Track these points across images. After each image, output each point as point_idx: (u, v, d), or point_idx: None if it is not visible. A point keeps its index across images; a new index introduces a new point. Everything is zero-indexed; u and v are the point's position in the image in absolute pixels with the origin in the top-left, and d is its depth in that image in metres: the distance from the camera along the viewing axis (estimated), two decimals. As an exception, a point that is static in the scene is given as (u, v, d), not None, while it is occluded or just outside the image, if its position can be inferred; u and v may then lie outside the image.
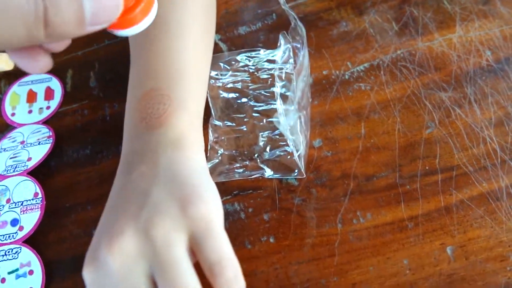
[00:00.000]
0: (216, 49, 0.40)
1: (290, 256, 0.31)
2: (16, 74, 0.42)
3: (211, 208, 0.24)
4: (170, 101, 0.28)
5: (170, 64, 0.30)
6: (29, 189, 0.35)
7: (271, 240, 0.32)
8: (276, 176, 0.33)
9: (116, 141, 0.38)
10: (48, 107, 0.40)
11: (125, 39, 0.43)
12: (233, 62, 0.38)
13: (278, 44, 0.35)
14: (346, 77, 0.37)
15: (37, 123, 0.39)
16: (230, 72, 0.37)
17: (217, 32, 0.40)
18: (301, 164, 0.33)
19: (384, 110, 0.36)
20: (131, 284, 0.22)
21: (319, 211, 0.32)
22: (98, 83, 0.41)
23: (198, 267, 0.23)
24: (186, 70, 0.30)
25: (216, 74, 0.37)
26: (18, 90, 0.41)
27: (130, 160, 0.28)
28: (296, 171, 0.33)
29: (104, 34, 0.44)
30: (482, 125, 0.34)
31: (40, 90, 0.41)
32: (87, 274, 0.23)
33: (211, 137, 0.36)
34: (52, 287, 0.32)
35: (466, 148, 0.33)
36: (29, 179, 0.36)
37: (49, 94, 0.41)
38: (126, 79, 0.41)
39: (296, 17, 0.32)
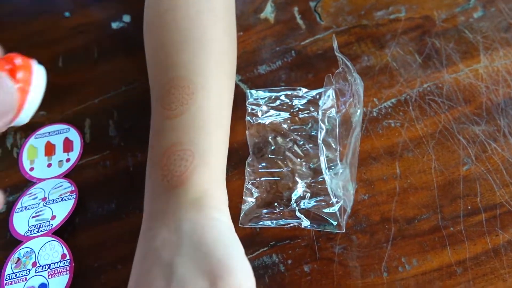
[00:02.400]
0: (237, 91, 0.40)
1: (336, 309, 0.30)
2: (32, 126, 0.41)
3: (241, 280, 0.23)
4: (192, 157, 0.27)
5: (192, 116, 0.29)
6: (55, 250, 0.34)
7: (314, 293, 0.31)
8: (314, 227, 0.32)
9: (142, 194, 0.36)
10: (68, 160, 0.39)
11: (143, 85, 0.42)
12: (272, 100, 0.37)
13: (324, 85, 0.34)
14: (374, 114, 0.37)
15: (58, 177, 0.38)
16: (270, 111, 0.36)
17: (236, 72, 0.40)
18: (341, 218, 0.32)
19: (417, 147, 0.35)
20: None
21: (362, 260, 0.31)
22: (118, 132, 0.40)
23: None
24: (209, 121, 0.29)
25: (255, 111, 0.36)
26: (35, 143, 0.40)
27: (152, 223, 0.27)
28: (335, 223, 0.32)
29: (119, 80, 0.43)
30: (520, 159, 0.33)
31: (58, 142, 0.40)
32: None
33: (247, 178, 0.35)
34: None
35: (507, 184, 0.32)
36: (55, 239, 0.34)
37: (68, 145, 0.40)
38: (147, 126, 0.40)
39: (353, 68, 0.31)
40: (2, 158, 0.39)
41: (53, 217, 0.35)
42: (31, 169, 0.39)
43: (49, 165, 0.39)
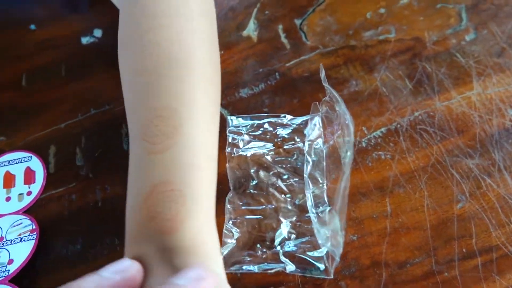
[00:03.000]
0: (217, 116, 0.37)
1: None
2: (-11, 154, 0.37)
3: None
4: (183, 198, 0.24)
5: (180, 151, 0.25)
6: (12, 301, 0.30)
7: None
8: (299, 272, 0.30)
9: (112, 231, 0.33)
10: (29, 193, 0.35)
11: (116, 108, 0.39)
12: (255, 129, 0.34)
13: (310, 112, 0.31)
14: (364, 144, 0.34)
15: (17, 213, 0.34)
16: (252, 141, 0.33)
17: (216, 96, 0.37)
18: (329, 263, 0.29)
19: (409, 182, 0.33)
20: None
21: (351, 309, 0.29)
22: (86, 160, 0.36)
23: None
24: (198, 156, 0.26)
25: (236, 141, 0.34)
26: (-8, 173, 0.36)
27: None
28: (322, 267, 0.29)
29: (89, 101, 0.40)
30: (516, 196, 0.31)
31: (18, 172, 0.36)
32: None
33: (227, 216, 0.32)
34: None
35: (502, 224, 0.31)
36: (11, 288, 0.31)
37: (29, 176, 0.36)
38: (118, 154, 0.37)
39: (342, 102, 0.29)
40: (-46, 191, 0.36)
41: (11, 261, 0.32)
42: (-12, 203, 0.35)
43: (8, 199, 0.35)
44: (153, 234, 0.23)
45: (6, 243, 0.33)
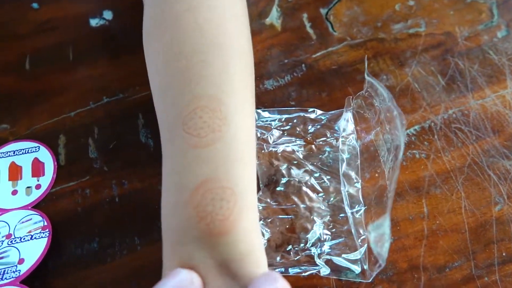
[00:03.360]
0: (241, 108, 0.35)
1: None
2: (-8, 143, 0.34)
3: None
4: (234, 197, 0.22)
5: (228, 146, 0.23)
6: (24, 304, 0.28)
7: None
8: (334, 276, 0.28)
9: (131, 230, 0.31)
10: (38, 186, 0.33)
11: (131, 97, 0.36)
12: (284, 123, 0.32)
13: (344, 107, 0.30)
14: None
15: (25, 207, 0.32)
16: (282, 137, 0.32)
17: (240, 87, 0.35)
18: (367, 265, 0.28)
19: (445, 183, 0.31)
20: None
21: (390, 315, 0.27)
22: (100, 152, 0.34)
23: None
24: (245, 152, 0.24)
25: (266, 136, 0.32)
26: (-4, 163, 0.33)
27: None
28: (358, 270, 0.28)
29: (100, 89, 0.37)
30: (554, 199, 0.31)
31: (25, 163, 0.33)
32: None
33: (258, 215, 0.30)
34: None
35: (541, 227, 0.30)
36: (23, 290, 0.28)
37: (37, 168, 0.33)
38: (136, 147, 0.34)
39: (388, 97, 0.27)
40: (-46, 183, 0.33)
41: (21, 261, 0.29)
42: (-9, 196, 0.32)
43: (14, 193, 0.32)
44: (203, 236, 0.21)
45: (15, 240, 0.30)
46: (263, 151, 0.32)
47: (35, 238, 0.30)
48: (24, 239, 0.30)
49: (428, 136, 0.33)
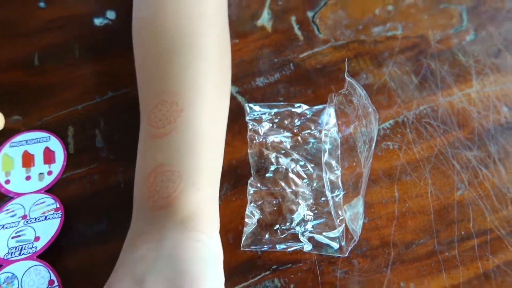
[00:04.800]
0: (235, 103, 0.38)
1: (337, 333, 0.30)
2: (5, 133, 0.37)
3: None
4: (180, 178, 0.26)
5: (181, 135, 0.27)
6: (41, 276, 0.31)
7: (316, 317, 0.31)
8: (315, 251, 0.32)
9: (135, 212, 0.34)
10: (49, 173, 0.36)
11: (132, 92, 0.39)
12: (274, 117, 0.36)
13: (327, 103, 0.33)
14: (373, 135, 0.37)
15: (39, 191, 0.35)
16: (272, 129, 0.35)
17: (233, 83, 0.38)
18: (344, 241, 0.32)
19: (414, 171, 0.36)
20: None
21: (363, 284, 0.32)
22: (106, 143, 0.37)
23: None
24: (199, 140, 0.28)
25: (257, 128, 0.35)
26: (10, 152, 0.37)
27: (134, 240, 0.26)
28: (336, 246, 0.32)
29: (105, 84, 0.40)
30: (508, 186, 0.35)
31: (37, 151, 0.37)
32: None
33: (249, 198, 0.34)
34: None
35: (496, 210, 0.34)
36: (40, 264, 0.31)
37: (48, 156, 0.37)
38: (137, 138, 0.38)
39: (365, 96, 0.31)
40: (-27, 169, 0.36)
41: (37, 239, 0.33)
42: (7, 181, 0.35)
43: (28, 178, 0.36)
44: (150, 210, 0.26)
45: (31, 220, 0.33)
46: (254, 141, 0.35)
47: (49, 218, 0.34)
48: (38, 219, 0.33)
49: (401, 130, 0.37)
